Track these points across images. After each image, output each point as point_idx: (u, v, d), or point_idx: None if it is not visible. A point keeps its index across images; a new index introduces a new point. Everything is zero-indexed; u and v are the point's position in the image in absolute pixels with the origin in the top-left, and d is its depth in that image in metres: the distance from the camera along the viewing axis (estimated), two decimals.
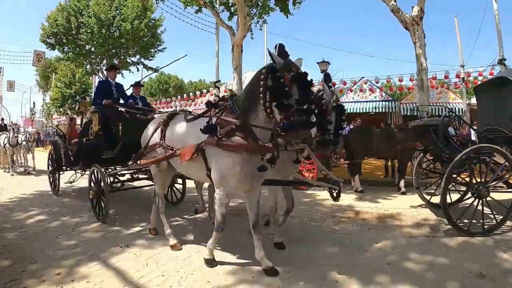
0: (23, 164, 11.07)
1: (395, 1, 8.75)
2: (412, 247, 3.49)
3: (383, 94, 14.85)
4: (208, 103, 3.25)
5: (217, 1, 12.49)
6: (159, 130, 3.66)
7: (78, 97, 24.59)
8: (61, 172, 6.56)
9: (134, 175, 5.38)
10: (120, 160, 5.26)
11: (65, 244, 3.71)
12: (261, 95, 2.54)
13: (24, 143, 10.35)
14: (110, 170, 5.21)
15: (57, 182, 6.61)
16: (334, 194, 3.70)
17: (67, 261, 3.22)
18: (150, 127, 3.91)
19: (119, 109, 5.03)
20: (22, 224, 4.56)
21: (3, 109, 30.50)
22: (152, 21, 20.65)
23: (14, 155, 10.61)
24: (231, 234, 4.00)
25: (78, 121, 7.36)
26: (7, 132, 11.12)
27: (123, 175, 5.47)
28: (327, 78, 7.88)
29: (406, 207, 5.25)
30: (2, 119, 14.52)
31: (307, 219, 4.64)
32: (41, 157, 11.76)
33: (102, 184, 4.45)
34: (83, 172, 6.08)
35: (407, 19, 8.58)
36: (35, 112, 36.94)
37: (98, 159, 5.06)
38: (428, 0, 8.67)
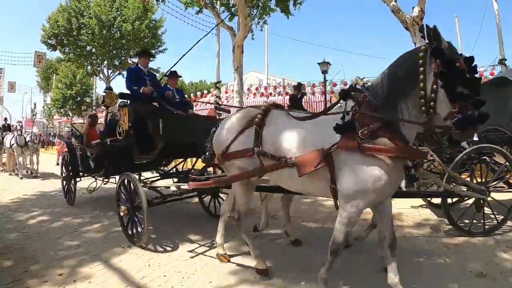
0: (28, 166, 10.36)
1: (395, 1, 8.77)
2: (413, 247, 3.49)
3: None
4: (343, 93, 2.45)
5: (218, 2, 12.51)
6: (249, 132, 2.75)
7: (79, 98, 24.66)
8: (77, 179, 5.66)
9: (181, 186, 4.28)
10: (155, 164, 4.69)
11: (67, 245, 3.73)
12: (420, 83, 2.01)
13: (30, 143, 9.62)
14: (143, 178, 4.48)
15: (73, 191, 5.68)
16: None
17: (69, 261, 3.24)
18: (230, 127, 2.95)
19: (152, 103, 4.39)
20: (24, 225, 4.58)
21: (4, 110, 30.67)
22: (153, 22, 20.73)
23: (21, 156, 9.90)
24: (233, 233, 4.01)
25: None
26: (10, 133, 10.67)
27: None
28: None
29: (407, 207, 5.25)
30: (5, 119, 14.25)
31: (308, 219, 4.64)
32: (42, 159, 11.70)
33: (138, 197, 3.53)
34: (106, 180, 5.36)
35: (407, 19, 8.58)
36: (36, 113, 36.98)
37: (128, 165, 4.36)
38: (428, 0, 8.68)
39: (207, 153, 3.25)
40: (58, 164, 13.35)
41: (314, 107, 13.71)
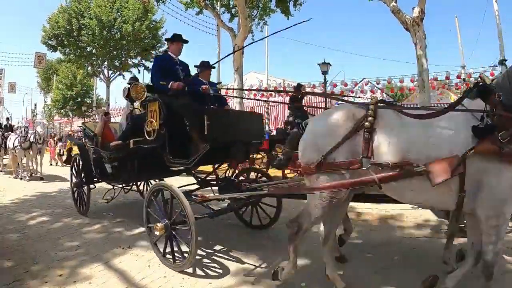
0: (32, 169, 9.76)
1: (395, 2, 8.77)
2: (414, 248, 3.49)
3: (384, 95, 14.88)
4: (481, 90, 2.14)
5: (218, 3, 12.53)
6: (356, 138, 2.25)
7: (79, 99, 24.63)
8: (91, 186, 4.91)
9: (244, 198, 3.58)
10: (183, 169, 4.11)
11: (68, 245, 3.73)
12: None
13: (34, 145, 9.09)
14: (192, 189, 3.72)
15: (86, 199, 4.91)
16: None
17: (69, 262, 3.24)
18: (330, 130, 2.35)
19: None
20: (24, 226, 4.58)
21: (5, 110, 30.70)
22: (153, 23, 20.74)
23: (25, 158, 9.33)
24: (232, 234, 4.01)
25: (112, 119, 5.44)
26: (13, 133, 10.25)
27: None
28: None
29: (408, 208, 5.23)
30: (8, 118, 13.81)
31: None
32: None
33: (182, 214, 2.95)
34: (128, 188, 4.97)
35: (407, 20, 8.59)
36: (36, 114, 37.06)
37: (159, 171, 3.92)
38: (428, 0, 8.69)
39: (281, 157, 2.72)
40: (51, 164, 13.28)
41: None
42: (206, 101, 3.94)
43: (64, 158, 14.00)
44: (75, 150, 7.20)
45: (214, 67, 4.32)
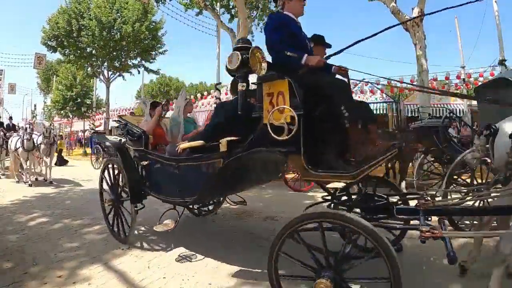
0: (40, 172, 9.13)
1: (395, 2, 8.79)
2: (413, 248, 3.48)
3: (384, 95, 14.87)
4: None
5: (218, 4, 12.54)
6: None
7: (79, 99, 24.60)
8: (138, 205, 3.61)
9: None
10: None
11: (67, 246, 3.72)
12: None
13: (42, 145, 8.40)
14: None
15: (128, 222, 3.67)
16: None
17: (69, 263, 3.23)
18: None
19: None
20: (24, 226, 4.57)
21: (4, 111, 30.69)
22: (153, 24, 20.74)
23: (28, 161, 8.57)
24: (233, 235, 4.00)
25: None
26: (15, 134, 9.68)
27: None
28: None
29: None
30: (11, 118, 13.27)
31: None
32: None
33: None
34: (206, 210, 4.34)
35: None
36: (36, 115, 37.06)
37: (241, 183, 3.19)
38: (428, 1, 8.71)
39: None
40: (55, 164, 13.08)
41: None
42: None
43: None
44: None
45: (330, 46, 3.14)
